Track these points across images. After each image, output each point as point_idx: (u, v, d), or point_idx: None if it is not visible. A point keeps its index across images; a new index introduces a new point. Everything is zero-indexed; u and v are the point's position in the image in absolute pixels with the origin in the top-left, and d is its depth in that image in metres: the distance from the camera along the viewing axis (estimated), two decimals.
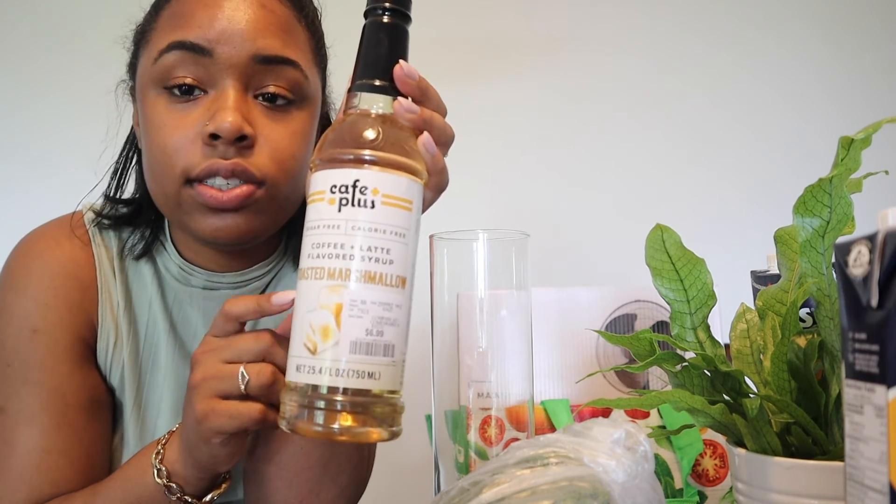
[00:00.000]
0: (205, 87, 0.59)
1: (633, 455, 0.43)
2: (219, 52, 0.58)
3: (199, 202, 0.59)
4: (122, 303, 0.68)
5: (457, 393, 0.57)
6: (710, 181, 1.61)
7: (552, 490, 0.39)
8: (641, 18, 1.65)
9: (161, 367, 0.70)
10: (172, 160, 0.59)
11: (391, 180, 0.44)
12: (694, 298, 0.49)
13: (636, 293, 0.84)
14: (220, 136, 0.57)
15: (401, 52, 0.48)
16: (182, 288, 0.69)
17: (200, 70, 0.58)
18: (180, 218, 0.62)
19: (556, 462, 0.41)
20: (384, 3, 0.47)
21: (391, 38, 0.48)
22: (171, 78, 0.59)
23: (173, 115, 0.59)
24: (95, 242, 0.68)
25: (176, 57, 0.58)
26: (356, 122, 0.46)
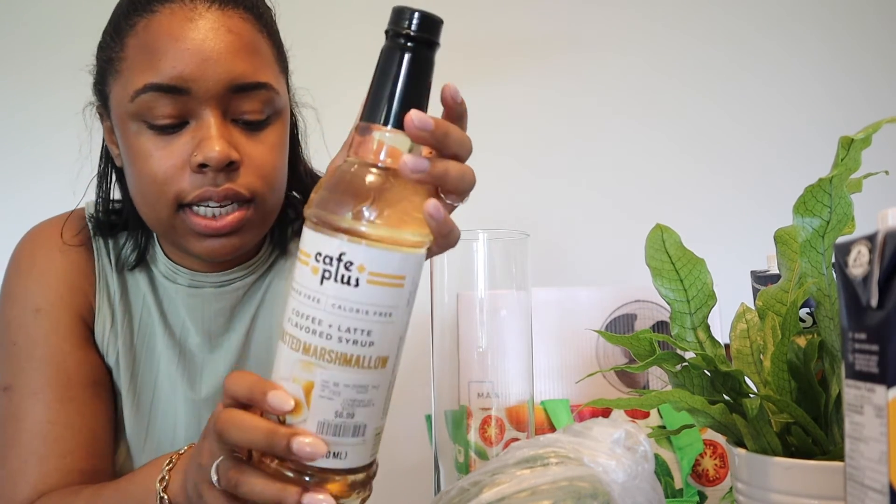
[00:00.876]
0: (185, 119, 0.61)
1: (633, 455, 0.43)
2: (196, 89, 0.60)
3: (192, 230, 0.62)
4: (118, 292, 0.71)
5: (457, 393, 0.57)
6: (711, 181, 1.61)
7: (552, 490, 0.39)
8: (641, 18, 1.65)
9: (155, 353, 0.73)
10: (163, 188, 0.61)
11: (382, 257, 0.39)
12: (694, 298, 0.49)
13: (636, 293, 0.84)
14: (209, 165, 0.59)
15: (419, 94, 0.42)
16: (170, 284, 0.72)
17: (179, 106, 0.60)
18: (174, 239, 0.65)
19: (556, 462, 0.41)
20: (408, 28, 0.40)
21: (410, 75, 0.41)
22: (151, 116, 0.60)
23: (158, 146, 0.61)
24: (94, 237, 0.72)
25: (153, 97, 0.60)
26: (354, 177, 0.41)
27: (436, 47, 0.42)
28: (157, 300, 0.73)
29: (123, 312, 0.72)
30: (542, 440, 0.44)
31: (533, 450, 0.42)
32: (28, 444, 0.65)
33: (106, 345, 0.71)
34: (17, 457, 0.65)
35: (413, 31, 0.41)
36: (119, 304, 0.71)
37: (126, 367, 0.71)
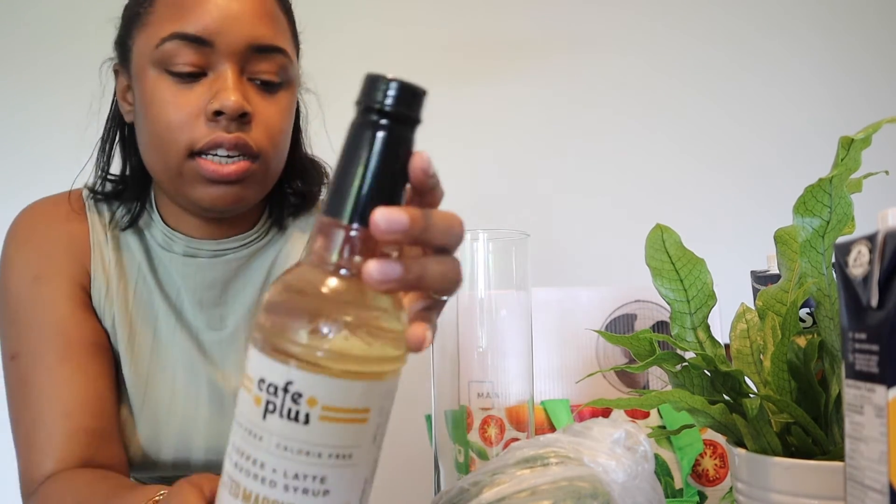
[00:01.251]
0: (204, 70, 0.65)
1: (633, 455, 0.43)
2: (218, 42, 0.63)
3: (200, 174, 0.64)
4: (112, 260, 0.73)
5: (457, 393, 0.57)
6: (711, 181, 1.61)
7: (552, 490, 0.39)
8: (642, 19, 1.65)
9: (150, 318, 0.75)
10: (176, 134, 0.64)
11: (339, 388, 0.32)
12: (694, 298, 0.49)
13: (636, 293, 0.84)
14: (223, 113, 0.63)
15: (393, 183, 0.33)
16: (165, 254, 0.74)
17: (200, 57, 0.64)
18: (180, 188, 0.67)
19: (556, 462, 0.41)
20: (382, 102, 0.32)
21: (383, 160, 0.33)
22: (172, 63, 0.64)
23: (176, 93, 0.64)
24: (90, 211, 0.75)
25: (178, 45, 0.63)
26: (307, 286, 0.33)
27: (416, 125, 0.34)
28: (151, 267, 0.74)
29: (118, 279, 0.73)
30: (541, 440, 0.44)
31: (533, 450, 0.42)
32: (36, 407, 0.67)
33: (102, 311, 0.73)
34: (31, 420, 0.67)
35: (389, 105, 0.32)
36: (114, 272, 0.73)
37: (123, 332, 0.73)
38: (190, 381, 0.75)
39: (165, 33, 0.63)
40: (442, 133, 1.76)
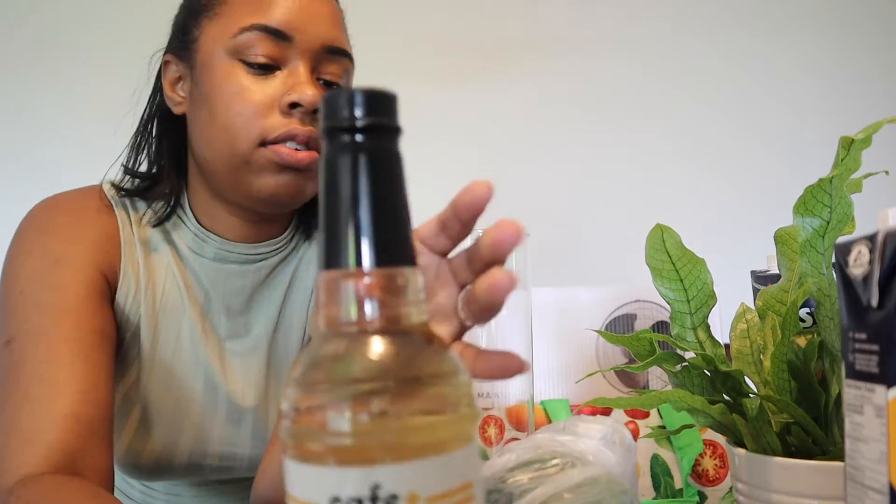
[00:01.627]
0: (278, 64, 0.66)
1: (621, 448, 0.43)
2: (297, 38, 0.65)
3: (272, 160, 0.64)
4: (142, 260, 0.71)
5: None
6: (711, 181, 1.61)
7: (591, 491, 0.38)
8: (643, 21, 1.65)
9: (175, 323, 0.73)
10: (250, 123, 0.64)
11: (437, 469, 0.26)
12: (694, 298, 0.49)
13: (636, 293, 0.84)
14: (300, 106, 0.64)
15: (398, 206, 0.28)
16: (194, 257, 0.73)
17: (278, 50, 0.65)
18: (243, 177, 0.66)
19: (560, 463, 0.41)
20: (352, 117, 0.27)
21: (376, 185, 0.28)
22: (249, 54, 0.65)
23: (251, 83, 0.65)
24: (117, 207, 0.72)
25: (257, 36, 0.64)
26: (346, 360, 0.27)
27: (397, 133, 0.29)
28: (180, 270, 0.73)
29: (147, 280, 0.71)
30: (535, 440, 0.43)
31: (529, 453, 0.42)
32: (25, 388, 0.61)
33: (128, 311, 0.70)
34: (15, 404, 0.61)
35: (360, 117, 0.27)
36: (144, 272, 0.71)
37: (147, 335, 0.71)
38: (208, 389, 0.73)
39: (245, 24, 0.64)
40: (442, 133, 1.76)
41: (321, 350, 0.27)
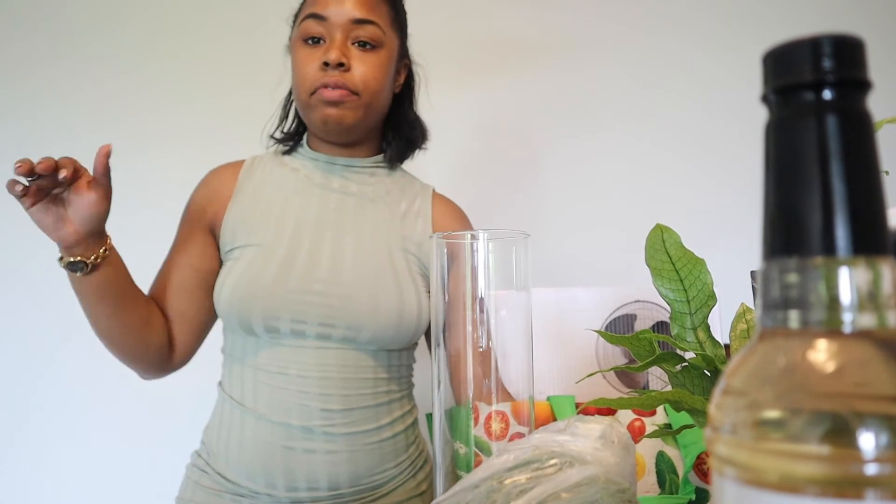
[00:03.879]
0: (322, 38, 0.96)
1: (620, 448, 0.43)
2: (330, 19, 0.95)
3: (319, 100, 0.95)
4: (262, 180, 1.04)
5: (459, 391, 0.57)
6: (711, 181, 1.61)
7: (589, 491, 0.38)
8: (644, 22, 1.65)
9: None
10: (305, 80, 0.95)
11: None
12: (694, 298, 0.49)
13: (636, 293, 0.84)
14: (328, 64, 0.93)
15: (876, 183, 0.23)
16: (312, 164, 1.04)
17: (320, 28, 0.95)
18: (309, 113, 0.97)
19: (559, 463, 0.41)
20: (821, 70, 0.23)
21: (853, 153, 0.23)
22: (306, 34, 0.96)
23: (306, 54, 0.96)
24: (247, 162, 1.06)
25: (309, 22, 0.95)
26: (874, 374, 0.21)
27: (868, 91, 0.24)
28: (294, 177, 1.03)
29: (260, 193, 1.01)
30: (532, 441, 0.43)
31: (527, 452, 0.42)
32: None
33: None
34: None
35: (830, 70, 0.22)
36: (260, 188, 1.02)
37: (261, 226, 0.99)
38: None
39: (305, 14, 0.96)
40: (442, 133, 1.76)
41: (805, 355, 0.21)
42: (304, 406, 0.91)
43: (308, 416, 0.91)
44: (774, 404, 0.21)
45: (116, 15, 1.60)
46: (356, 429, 0.93)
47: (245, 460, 0.92)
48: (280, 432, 0.91)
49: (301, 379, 0.92)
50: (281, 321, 0.92)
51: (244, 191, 1.02)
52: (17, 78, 1.60)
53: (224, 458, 0.94)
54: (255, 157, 1.06)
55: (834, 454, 0.20)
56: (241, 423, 0.94)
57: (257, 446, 0.91)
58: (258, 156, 1.06)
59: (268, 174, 1.03)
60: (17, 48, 1.60)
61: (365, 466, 0.93)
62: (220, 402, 0.99)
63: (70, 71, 1.60)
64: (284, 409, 0.91)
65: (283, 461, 0.90)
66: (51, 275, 1.20)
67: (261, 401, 0.92)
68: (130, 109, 1.59)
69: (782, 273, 0.23)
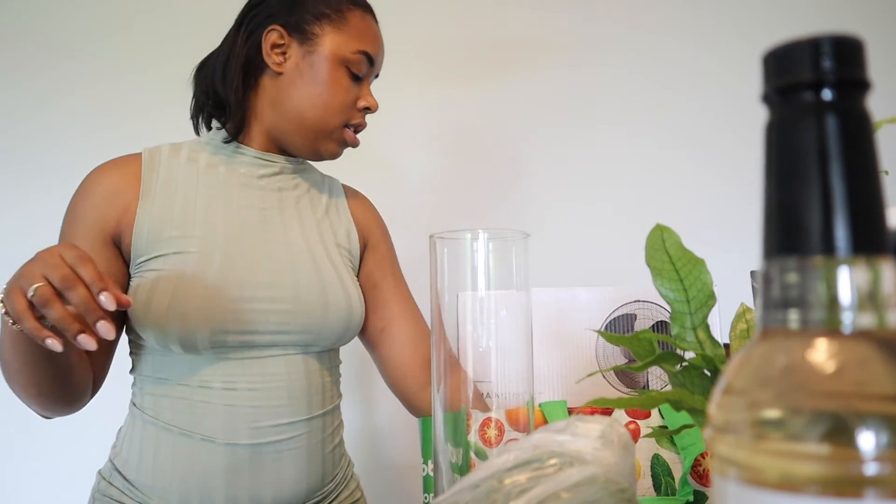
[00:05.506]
0: (361, 78, 0.95)
1: (620, 448, 0.43)
2: (375, 66, 0.97)
3: (343, 138, 0.96)
4: (167, 176, 0.92)
5: (458, 394, 0.57)
6: (710, 181, 1.61)
7: (589, 490, 0.38)
8: (644, 22, 1.65)
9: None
10: (339, 110, 0.93)
11: None
12: (694, 298, 0.49)
13: (636, 293, 0.84)
14: (370, 110, 0.96)
15: (874, 183, 0.23)
16: (231, 159, 0.96)
17: (367, 70, 0.95)
18: (320, 137, 0.94)
19: (559, 463, 0.40)
20: (821, 69, 0.23)
21: (852, 152, 0.23)
22: (354, 67, 0.93)
23: (349, 86, 0.94)
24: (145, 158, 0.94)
25: (362, 58, 0.94)
26: (873, 374, 0.21)
27: (867, 90, 0.24)
28: (211, 175, 0.94)
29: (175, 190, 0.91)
30: (532, 441, 0.43)
31: (527, 452, 0.42)
32: None
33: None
34: None
35: (829, 70, 0.23)
36: (171, 184, 0.91)
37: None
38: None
39: (360, 48, 0.93)
40: (443, 133, 1.76)
41: (805, 354, 0.21)
42: (255, 423, 0.84)
43: (259, 433, 0.84)
44: (774, 404, 0.21)
45: (117, 16, 1.60)
46: (305, 443, 0.88)
47: (179, 489, 0.83)
48: (224, 453, 0.83)
49: (251, 392, 0.85)
50: (229, 334, 0.84)
51: (152, 192, 0.89)
52: (18, 78, 1.60)
53: (149, 485, 0.85)
54: (150, 151, 0.94)
55: (834, 454, 0.20)
56: (173, 448, 0.84)
57: (195, 470, 0.83)
58: (152, 149, 0.94)
59: (175, 171, 0.92)
60: (17, 49, 1.60)
61: (314, 481, 0.89)
62: (138, 427, 0.87)
63: (70, 71, 1.60)
64: (232, 429, 0.84)
65: (225, 485, 0.83)
66: None
67: (202, 422, 0.84)
68: (130, 109, 1.59)
69: (782, 273, 0.23)
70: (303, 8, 0.94)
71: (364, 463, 1.49)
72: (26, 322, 0.66)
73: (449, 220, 1.56)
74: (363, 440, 1.54)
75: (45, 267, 0.67)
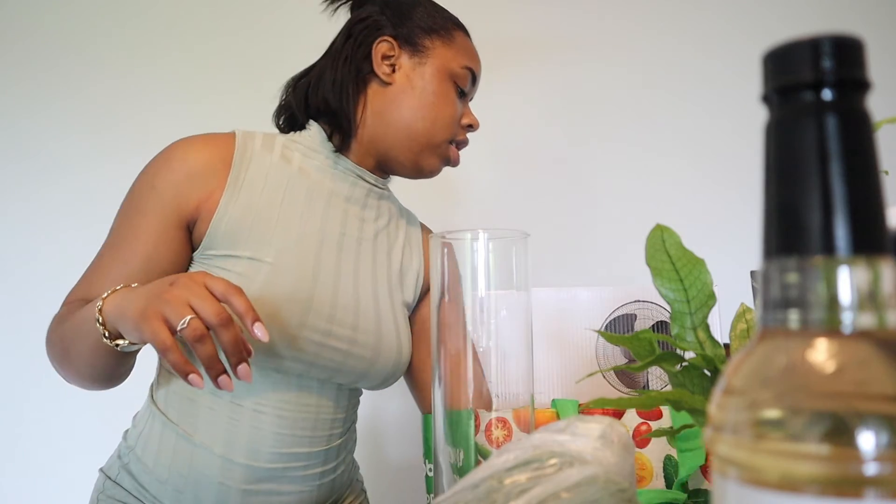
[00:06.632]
0: (465, 95, 0.95)
1: (620, 448, 0.43)
2: (476, 84, 0.97)
3: (446, 155, 0.94)
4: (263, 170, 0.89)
5: (460, 394, 0.57)
6: (711, 181, 1.61)
7: (589, 490, 0.38)
8: (644, 22, 1.65)
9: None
10: (450, 125, 0.93)
11: None
12: (694, 298, 0.49)
13: (636, 293, 0.84)
14: (473, 128, 0.96)
15: (873, 181, 0.23)
16: (332, 170, 0.93)
17: (469, 87, 0.95)
18: (423, 150, 0.92)
19: (559, 463, 0.40)
20: (821, 69, 0.23)
21: (851, 153, 0.23)
22: (461, 83, 0.94)
23: (455, 101, 0.93)
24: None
25: (468, 74, 0.94)
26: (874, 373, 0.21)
27: (867, 91, 0.24)
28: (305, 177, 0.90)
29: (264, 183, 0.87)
30: (532, 440, 0.43)
31: (528, 452, 0.42)
32: (110, 247, 0.83)
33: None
34: (98, 256, 0.83)
35: (830, 70, 0.23)
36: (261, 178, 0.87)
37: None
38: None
39: (467, 64, 0.94)
40: None
41: (805, 354, 0.21)
42: (277, 448, 0.82)
43: (279, 458, 0.83)
44: (774, 404, 0.21)
45: (117, 16, 1.60)
46: (322, 469, 0.87)
47: (190, 500, 0.82)
48: (243, 474, 0.81)
49: (279, 420, 0.82)
50: (283, 360, 0.81)
51: (240, 183, 0.84)
52: (18, 79, 1.60)
53: (161, 490, 0.83)
54: (244, 137, 0.88)
55: (834, 454, 0.20)
56: (191, 458, 0.82)
57: (212, 482, 0.81)
58: (245, 134, 0.89)
59: (266, 167, 0.87)
60: (17, 49, 1.60)
61: (324, 496, 0.89)
62: (156, 429, 0.85)
63: (70, 72, 1.60)
64: (254, 451, 0.81)
65: (241, 499, 0.81)
66: (50, 276, 1.21)
67: (225, 438, 0.81)
68: (130, 110, 1.59)
69: (782, 273, 0.23)
70: (412, 21, 0.93)
71: (368, 463, 1.50)
72: (172, 355, 0.63)
73: (449, 220, 1.56)
74: (366, 440, 1.54)
75: (194, 298, 0.63)
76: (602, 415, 0.73)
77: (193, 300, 0.63)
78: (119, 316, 0.69)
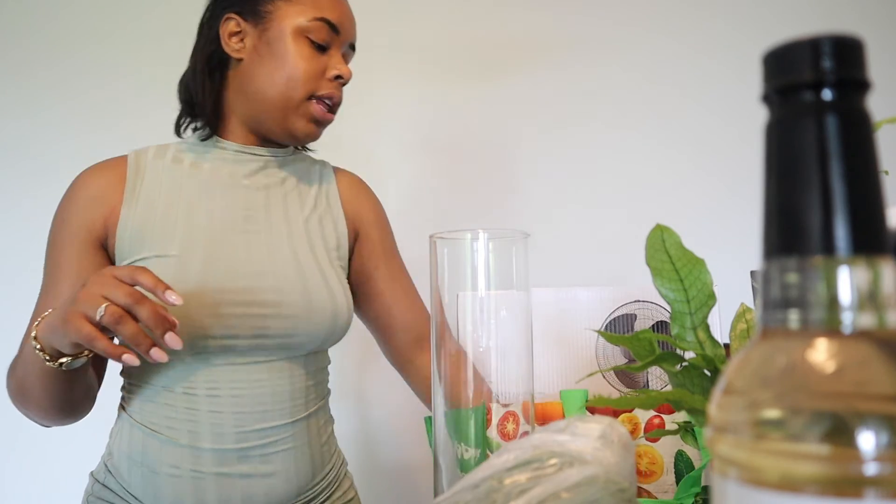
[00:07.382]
0: (328, 47, 0.92)
1: (620, 447, 0.43)
2: (342, 33, 0.93)
3: (312, 113, 0.91)
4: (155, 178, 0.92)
5: (459, 393, 0.57)
6: (711, 181, 1.61)
7: (589, 490, 0.38)
8: (644, 22, 1.66)
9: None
10: (307, 81, 0.90)
11: None
12: (694, 298, 0.49)
13: (636, 293, 0.84)
14: (342, 78, 0.92)
15: (874, 183, 0.23)
16: (217, 156, 0.95)
17: (330, 38, 0.91)
18: (289, 115, 0.91)
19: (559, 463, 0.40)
20: (821, 69, 0.23)
21: (851, 152, 0.23)
22: (314, 35, 0.90)
23: (311, 55, 0.90)
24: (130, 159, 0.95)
25: (322, 25, 0.90)
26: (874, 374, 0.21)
27: (867, 91, 0.24)
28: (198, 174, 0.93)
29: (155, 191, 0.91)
30: (533, 441, 0.43)
31: (528, 452, 0.42)
32: (48, 284, 0.89)
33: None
34: (40, 298, 0.89)
35: (830, 69, 0.23)
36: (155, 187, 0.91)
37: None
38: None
39: (317, 15, 0.90)
40: (443, 133, 1.77)
41: (805, 354, 0.21)
42: (240, 427, 0.85)
43: (244, 437, 0.85)
44: (774, 404, 0.21)
45: (117, 16, 1.60)
46: (292, 444, 0.88)
47: (169, 493, 0.83)
48: (213, 458, 0.84)
49: (235, 399, 0.85)
50: (210, 339, 0.83)
51: (136, 194, 0.89)
52: (18, 79, 1.60)
53: (141, 489, 0.85)
54: (136, 154, 0.93)
55: (834, 454, 0.20)
56: (161, 454, 0.84)
57: (185, 475, 0.83)
58: (139, 151, 0.94)
59: (160, 172, 0.91)
60: (17, 49, 1.60)
61: (302, 482, 0.89)
62: (125, 431, 0.88)
63: (70, 72, 1.60)
64: (218, 434, 0.84)
65: (216, 489, 0.83)
66: None
67: (188, 429, 0.84)
68: (131, 110, 1.59)
69: (782, 273, 0.23)
70: None
71: (360, 464, 1.50)
72: (99, 343, 0.67)
73: (449, 220, 1.56)
74: (359, 441, 1.54)
75: (104, 289, 0.68)
76: (610, 410, 0.73)
77: (105, 291, 0.67)
78: (50, 333, 0.73)
